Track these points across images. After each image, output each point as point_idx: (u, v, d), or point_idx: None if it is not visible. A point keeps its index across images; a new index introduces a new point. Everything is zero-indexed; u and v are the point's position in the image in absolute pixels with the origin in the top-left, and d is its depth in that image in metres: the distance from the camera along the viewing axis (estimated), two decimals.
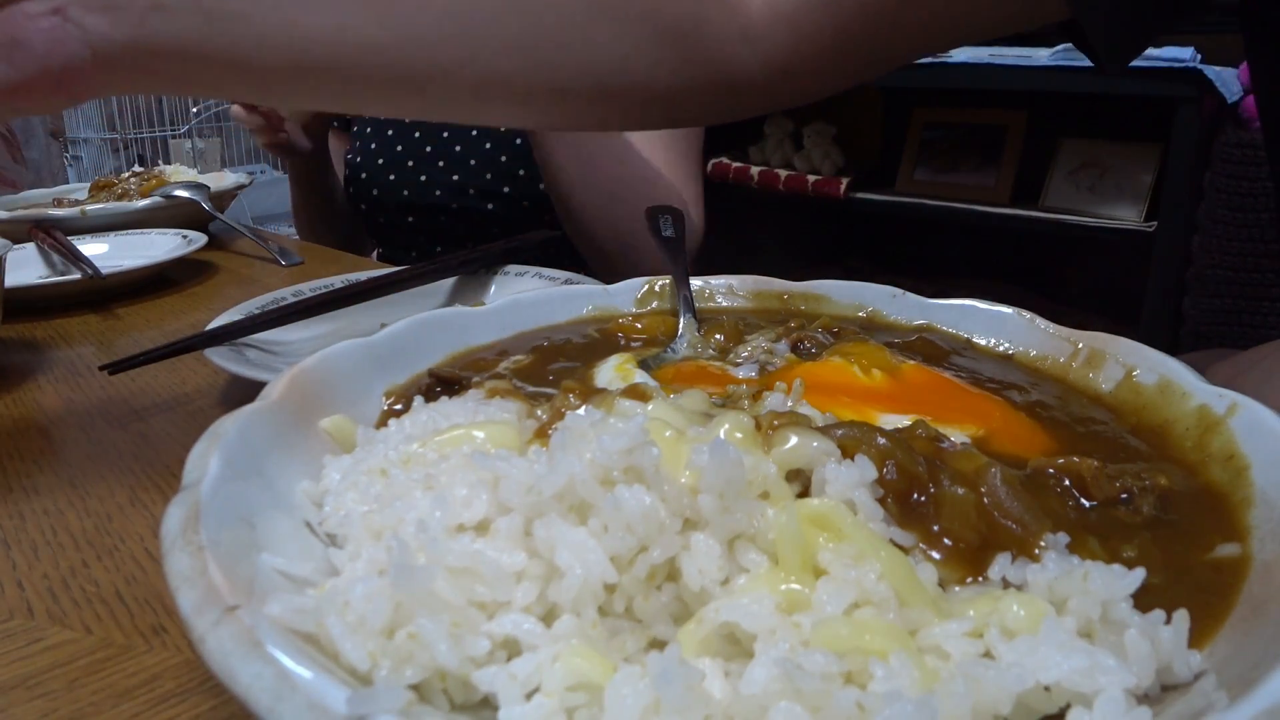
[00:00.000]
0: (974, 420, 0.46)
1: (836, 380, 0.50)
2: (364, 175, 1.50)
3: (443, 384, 0.51)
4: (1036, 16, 0.70)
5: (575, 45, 0.66)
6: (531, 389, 0.52)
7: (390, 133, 1.48)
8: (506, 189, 1.41)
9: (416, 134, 1.46)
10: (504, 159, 1.41)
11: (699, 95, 0.74)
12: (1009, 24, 0.72)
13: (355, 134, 1.55)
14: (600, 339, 0.62)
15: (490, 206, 1.42)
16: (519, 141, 1.39)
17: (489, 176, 1.41)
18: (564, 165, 1.18)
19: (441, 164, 1.44)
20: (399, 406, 0.49)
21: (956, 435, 0.44)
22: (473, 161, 1.42)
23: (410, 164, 1.46)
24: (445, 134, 1.44)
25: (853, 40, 0.72)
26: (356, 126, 1.56)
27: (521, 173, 1.40)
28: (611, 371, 0.54)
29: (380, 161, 1.48)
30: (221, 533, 0.32)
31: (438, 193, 1.45)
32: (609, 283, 0.69)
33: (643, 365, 0.55)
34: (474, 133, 1.42)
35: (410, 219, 1.48)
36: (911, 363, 0.53)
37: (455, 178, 1.43)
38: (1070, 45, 2.11)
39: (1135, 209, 2.13)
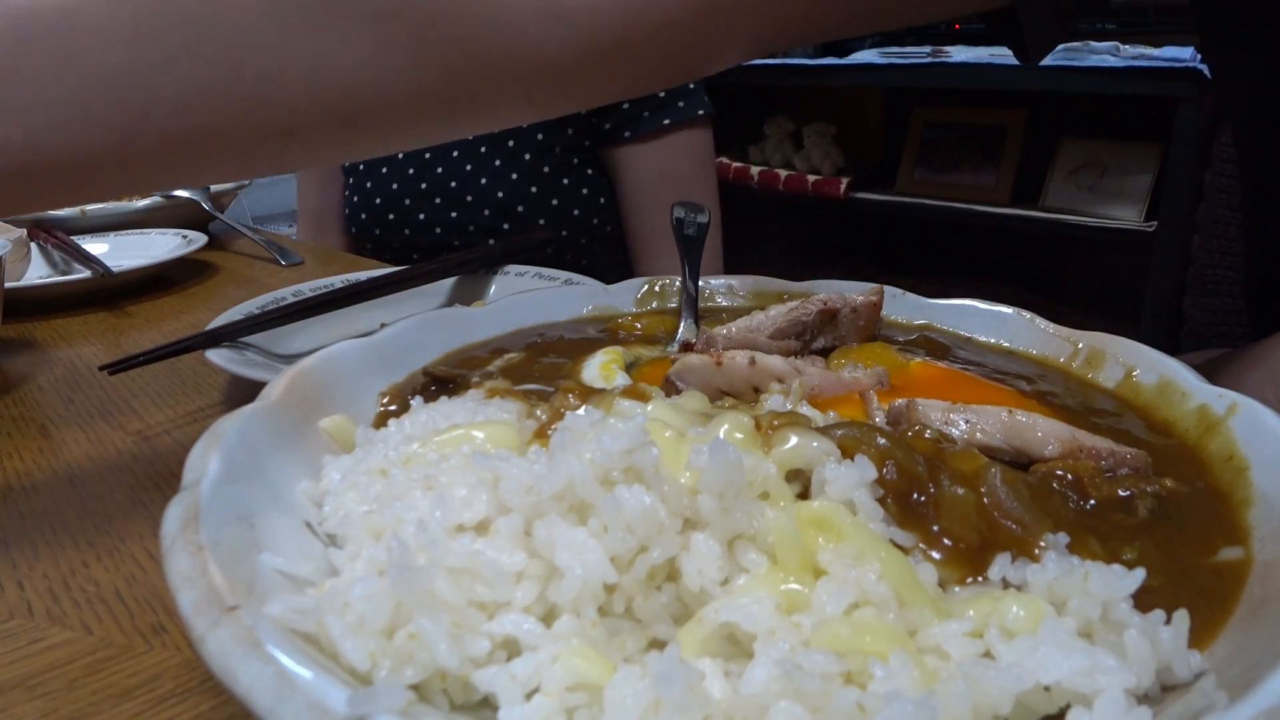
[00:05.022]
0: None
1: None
2: (364, 216, 1.46)
3: (437, 383, 0.51)
4: (960, 7, 0.64)
5: (297, 76, 0.51)
6: (518, 386, 0.52)
7: (385, 170, 1.44)
8: (506, 225, 1.38)
9: (410, 170, 1.41)
10: (500, 194, 1.37)
11: (503, 96, 0.58)
12: (927, 14, 0.65)
13: (349, 171, 1.51)
14: (596, 337, 0.62)
15: (491, 243, 1.39)
16: (515, 176, 1.37)
17: (487, 213, 1.38)
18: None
19: (439, 201, 1.40)
20: (394, 407, 0.49)
21: None
22: (469, 198, 1.38)
23: (408, 202, 1.42)
24: (439, 170, 1.40)
25: (725, 13, 0.58)
26: (349, 164, 1.51)
27: (520, 209, 1.37)
28: (596, 370, 0.55)
29: (378, 201, 1.44)
30: (221, 533, 0.32)
31: (438, 230, 1.41)
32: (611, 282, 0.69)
33: (629, 366, 0.56)
34: (468, 168, 1.38)
35: (415, 257, 1.44)
36: (918, 360, 0.54)
37: (454, 215, 1.40)
38: (1069, 45, 2.11)
39: (1135, 209, 2.13)
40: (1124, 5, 2.28)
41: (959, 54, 2.28)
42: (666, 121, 1.36)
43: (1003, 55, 2.21)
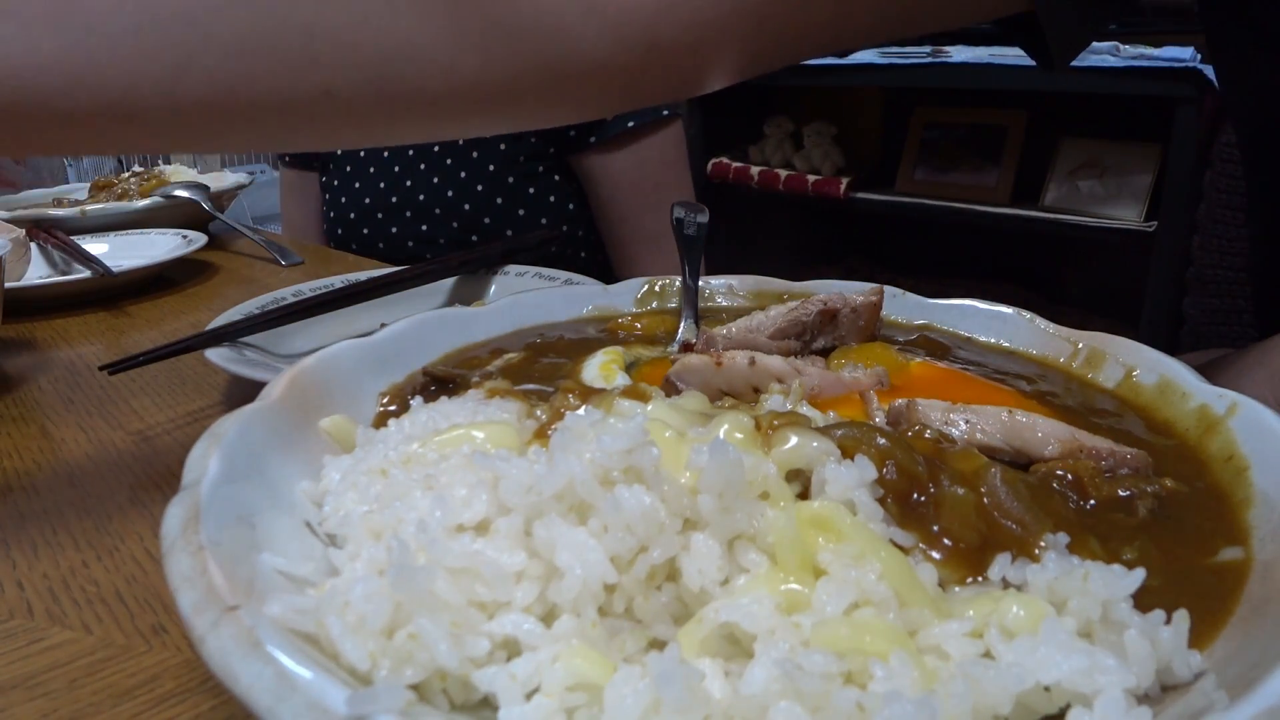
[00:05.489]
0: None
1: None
2: (340, 231, 1.47)
3: (437, 383, 0.51)
4: (983, 13, 0.64)
5: (340, 33, 0.53)
6: (518, 386, 0.52)
7: (358, 185, 1.45)
8: (474, 237, 1.38)
9: (381, 185, 1.42)
10: (467, 206, 1.37)
11: (538, 87, 0.59)
12: (953, 20, 0.65)
13: (325, 185, 1.52)
14: (596, 337, 0.62)
15: (467, 252, 1.40)
16: (480, 188, 1.37)
17: (455, 225, 1.38)
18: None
19: (409, 214, 1.40)
20: (393, 407, 0.49)
21: None
22: (436, 210, 1.38)
23: (380, 216, 1.42)
24: (408, 183, 1.40)
25: (757, 16, 0.58)
26: (326, 178, 1.52)
27: (487, 220, 1.37)
28: (596, 370, 0.55)
29: (352, 216, 1.45)
30: (221, 533, 0.32)
31: (410, 244, 1.41)
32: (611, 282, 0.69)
33: (629, 366, 0.56)
34: (435, 180, 1.38)
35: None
36: (918, 360, 0.54)
37: (424, 228, 1.40)
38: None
39: (1135, 209, 2.13)
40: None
41: (959, 54, 2.28)
42: (631, 124, 1.35)
43: (1002, 55, 2.21)
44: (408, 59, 0.55)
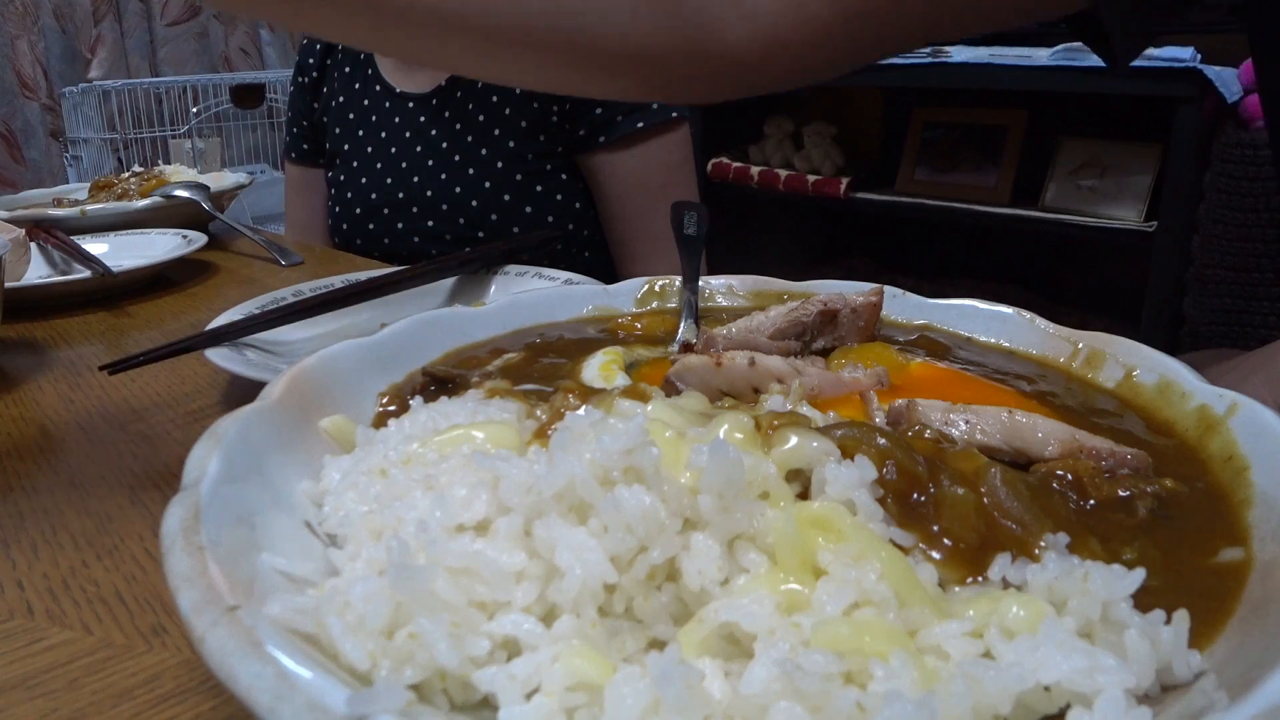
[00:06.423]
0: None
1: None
2: (345, 226, 1.47)
3: (437, 383, 0.51)
4: (1049, 8, 0.67)
5: None
6: (518, 386, 0.52)
7: (364, 181, 1.45)
8: (481, 234, 1.38)
9: (389, 180, 1.42)
10: (475, 203, 1.37)
11: (681, 63, 0.67)
12: (1021, 14, 0.68)
13: (331, 180, 1.52)
14: (596, 337, 0.62)
15: (467, 251, 1.40)
16: (488, 185, 1.36)
17: (461, 221, 1.38)
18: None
19: (415, 210, 1.40)
20: (393, 407, 0.49)
21: None
22: (444, 206, 1.38)
23: (386, 211, 1.42)
24: (416, 179, 1.40)
25: (861, 18, 0.65)
26: (331, 173, 1.52)
27: (494, 217, 1.37)
28: (596, 370, 0.55)
29: (358, 211, 1.45)
30: (221, 533, 0.32)
31: (416, 239, 1.41)
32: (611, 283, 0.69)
33: (629, 366, 0.56)
34: (443, 176, 1.38)
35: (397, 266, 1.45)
36: (918, 360, 0.54)
37: (430, 224, 1.40)
38: (1069, 45, 2.11)
39: (1135, 209, 2.12)
40: None
41: (959, 54, 2.28)
42: (640, 125, 1.35)
43: (1002, 55, 2.21)
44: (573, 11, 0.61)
